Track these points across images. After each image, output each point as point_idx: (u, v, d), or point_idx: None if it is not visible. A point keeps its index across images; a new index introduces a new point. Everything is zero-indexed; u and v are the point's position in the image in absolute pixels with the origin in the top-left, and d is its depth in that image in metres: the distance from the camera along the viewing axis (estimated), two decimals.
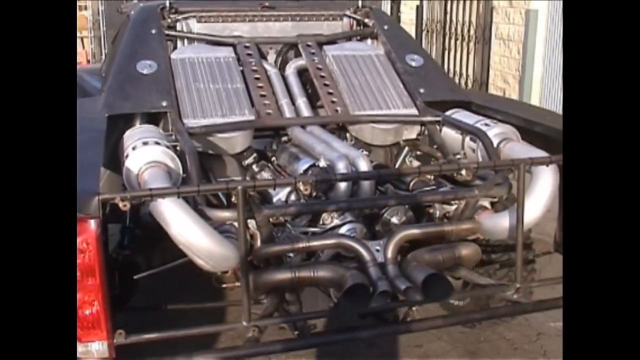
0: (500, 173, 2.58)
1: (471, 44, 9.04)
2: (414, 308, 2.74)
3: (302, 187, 2.20)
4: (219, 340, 3.35)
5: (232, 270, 2.50)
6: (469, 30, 9.04)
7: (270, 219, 2.42)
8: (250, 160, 3.04)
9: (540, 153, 2.63)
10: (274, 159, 3.16)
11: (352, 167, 2.66)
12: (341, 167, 2.62)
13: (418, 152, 3.34)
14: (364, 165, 2.66)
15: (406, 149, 3.33)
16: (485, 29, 8.51)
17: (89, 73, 5.12)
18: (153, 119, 3.12)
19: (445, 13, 9.81)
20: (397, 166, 3.32)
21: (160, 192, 2.09)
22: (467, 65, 9.17)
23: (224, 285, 2.59)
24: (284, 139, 3.23)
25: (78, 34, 14.81)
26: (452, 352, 3.61)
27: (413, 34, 11.08)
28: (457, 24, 9.39)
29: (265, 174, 2.99)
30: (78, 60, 13.83)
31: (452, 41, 9.62)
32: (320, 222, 2.70)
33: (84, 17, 14.22)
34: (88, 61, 13.79)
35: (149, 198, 2.07)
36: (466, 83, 9.17)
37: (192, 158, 2.51)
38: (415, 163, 3.35)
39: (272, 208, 2.42)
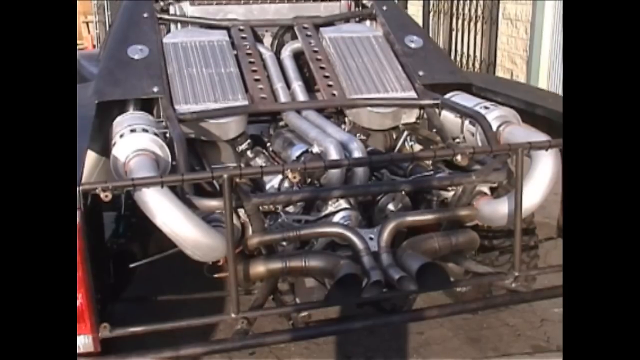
0: (499, 158, 2.50)
1: (478, 24, 8.90)
2: (411, 296, 2.69)
3: (290, 175, 2.13)
4: (218, 330, 3.31)
5: (223, 259, 2.44)
6: (476, 10, 8.90)
7: (261, 207, 2.36)
8: (244, 146, 2.97)
9: (541, 137, 2.54)
10: (269, 144, 3.09)
11: (345, 153, 2.59)
12: (334, 153, 2.55)
13: (419, 136, 3.27)
14: (357, 151, 2.59)
15: (405, 133, 3.25)
16: (492, 9, 8.37)
17: (87, 58, 5.04)
18: (147, 105, 3.05)
19: None
20: (396, 150, 3.24)
21: (142, 182, 2.03)
22: (475, 46, 9.03)
23: (216, 275, 2.54)
24: (281, 123, 3.16)
25: (83, 19, 14.77)
26: (453, 338, 3.55)
27: (420, 15, 10.96)
28: (464, 4, 9.24)
29: (259, 160, 2.93)
30: (83, 45, 13.79)
31: (460, 21, 9.48)
32: (315, 210, 2.64)
33: (89, 1, 14.16)
34: (94, 46, 13.75)
35: (132, 188, 2.01)
36: (473, 64, 9.04)
37: (180, 145, 2.44)
38: (417, 147, 3.27)
39: (261, 196, 2.36)
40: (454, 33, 9.73)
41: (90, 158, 2.76)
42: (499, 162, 2.48)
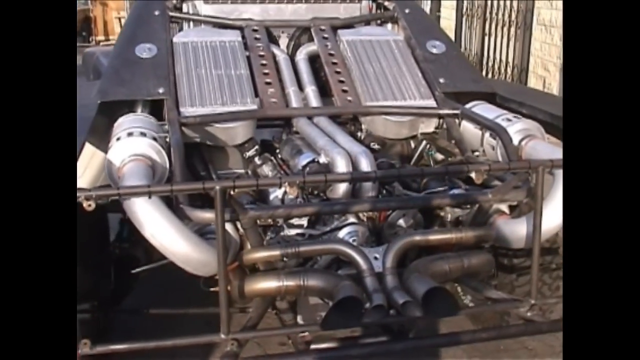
0: (519, 175, 2.33)
1: (512, 30, 8.67)
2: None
3: (288, 190, 1.99)
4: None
5: None
6: (510, 15, 8.66)
7: (260, 221, 2.22)
8: (251, 152, 2.83)
9: None
10: (279, 151, 2.95)
11: (353, 164, 2.43)
12: (341, 165, 2.40)
13: (438, 147, 3.09)
14: (365, 164, 2.43)
15: (424, 143, 3.08)
16: (527, 14, 8.13)
17: (105, 55, 4.97)
18: (157, 106, 2.93)
19: None
20: (413, 161, 3.07)
21: (129, 191, 1.90)
22: (507, 52, 8.80)
23: (212, 289, 2.40)
24: (294, 129, 3.01)
25: (115, 14, 14.85)
26: (468, 359, 3.38)
27: (454, 18, 10.74)
28: (498, 8, 9.01)
29: (267, 168, 2.78)
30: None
31: (493, 26, 9.25)
32: (322, 223, 2.49)
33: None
34: None
35: (117, 197, 1.88)
36: (505, 70, 8.81)
37: (176, 152, 2.31)
38: (439, 157, 3.09)
39: (259, 210, 2.21)
40: (486, 38, 9.49)
41: (98, 160, 2.65)
42: (519, 179, 2.30)
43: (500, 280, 3.04)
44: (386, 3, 3.54)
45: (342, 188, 2.39)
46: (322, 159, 2.49)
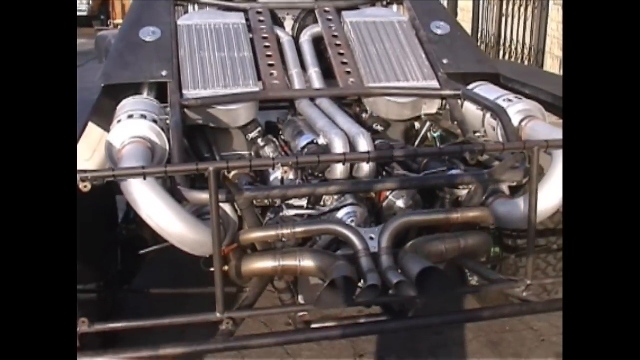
0: (515, 156, 2.32)
1: (529, 10, 8.57)
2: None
3: (281, 170, 2.01)
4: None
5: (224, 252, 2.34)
6: None
7: (256, 201, 2.24)
8: (254, 134, 2.85)
9: None
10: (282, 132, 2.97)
11: (352, 145, 2.45)
12: (338, 146, 2.41)
13: (441, 128, 3.09)
14: (363, 145, 2.44)
15: (427, 124, 3.09)
16: None
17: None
18: (162, 88, 2.96)
19: None
20: (417, 142, 3.08)
21: (124, 173, 1.93)
22: (525, 32, 8.71)
23: (212, 269, 2.44)
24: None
25: None
26: (473, 341, 3.38)
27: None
28: None
29: (269, 149, 2.80)
30: None
31: (510, 7, 9.15)
32: (322, 203, 2.51)
33: None
34: None
35: (112, 179, 1.91)
36: (522, 51, 8.73)
37: (175, 134, 2.34)
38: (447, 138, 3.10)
39: (254, 190, 2.23)
40: (503, 19, 9.40)
41: None
42: (513, 160, 2.30)
43: (505, 261, 3.05)
44: None
45: (339, 169, 2.41)
46: (321, 140, 2.50)
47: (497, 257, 3.06)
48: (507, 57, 9.21)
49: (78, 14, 15.34)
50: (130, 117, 2.39)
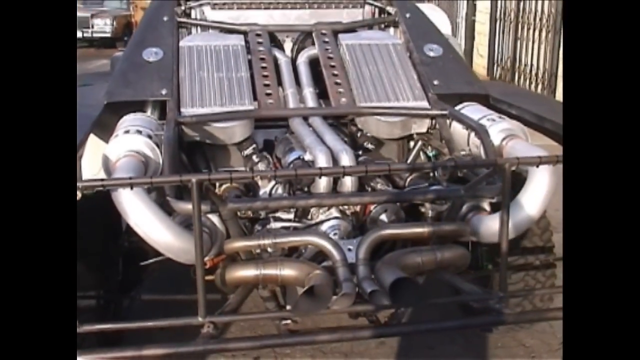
0: (491, 172, 2.41)
1: (542, 34, 8.66)
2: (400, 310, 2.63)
3: (260, 183, 2.12)
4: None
5: (210, 262, 2.46)
6: (541, 19, 8.66)
7: (240, 213, 2.36)
8: (249, 150, 2.97)
9: (544, 152, 2.44)
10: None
11: (335, 161, 2.56)
12: (322, 162, 2.53)
13: (432, 147, 3.19)
14: (345, 160, 2.55)
15: (419, 143, 3.19)
16: (557, 18, 8.12)
17: None
18: (164, 107, 3.10)
19: (519, 1, 9.44)
20: (410, 161, 3.18)
21: (111, 183, 2.07)
22: (539, 56, 8.80)
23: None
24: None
25: None
26: (464, 356, 3.44)
27: (487, 23, 10.75)
28: (529, 12, 9.01)
29: (262, 166, 2.92)
30: None
31: (525, 31, 9.25)
32: (309, 217, 2.63)
33: None
34: None
35: (102, 188, 2.05)
36: (536, 74, 8.81)
37: (166, 149, 2.47)
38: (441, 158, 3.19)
39: (237, 202, 2.36)
40: (518, 42, 9.49)
41: None
42: (486, 176, 2.39)
43: (493, 276, 3.12)
44: (388, 8, 3.66)
45: (322, 184, 2.52)
46: (307, 156, 2.62)
47: (488, 273, 3.15)
48: (521, 80, 9.30)
49: (102, 35, 15.72)
50: (127, 132, 2.53)
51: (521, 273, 3.14)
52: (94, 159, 3.06)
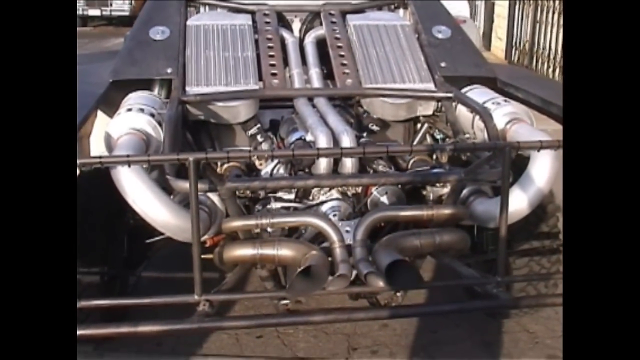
0: (491, 156, 2.39)
1: (562, 18, 8.53)
2: (398, 293, 2.63)
3: (257, 162, 2.13)
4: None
5: (210, 240, 2.47)
6: (560, 2, 8.53)
7: (239, 192, 2.37)
8: (253, 130, 2.97)
9: (547, 136, 2.42)
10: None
11: (336, 142, 2.55)
12: (322, 142, 2.52)
13: (438, 130, 3.17)
14: (346, 141, 2.54)
15: (425, 125, 3.17)
16: None
17: None
18: (170, 86, 3.10)
19: None
20: (415, 143, 3.16)
21: (109, 160, 2.08)
22: (557, 40, 8.68)
23: (203, 257, 2.56)
24: None
25: None
26: (467, 340, 3.43)
27: (507, 6, 10.62)
28: None
29: (265, 145, 2.93)
30: None
31: (544, 14, 9.13)
32: (310, 198, 2.62)
33: None
34: None
35: (100, 165, 2.06)
36: (554, 57, 8.69)
37: (167, 127, 2.48)
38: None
39: (235, 181, 2.36)
40: (537, 25, 9.37)
41: None
42: (486, 160, 2.37)
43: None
44: None
45: (322, 165, 2.52)
46: (309, 137, 2.61)
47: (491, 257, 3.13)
48: (539, 63, 9.20)
49: (120, 13, 15.76)
50: (129, 110, 2.53)
51: (525, 258, 3.12)
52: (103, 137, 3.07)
